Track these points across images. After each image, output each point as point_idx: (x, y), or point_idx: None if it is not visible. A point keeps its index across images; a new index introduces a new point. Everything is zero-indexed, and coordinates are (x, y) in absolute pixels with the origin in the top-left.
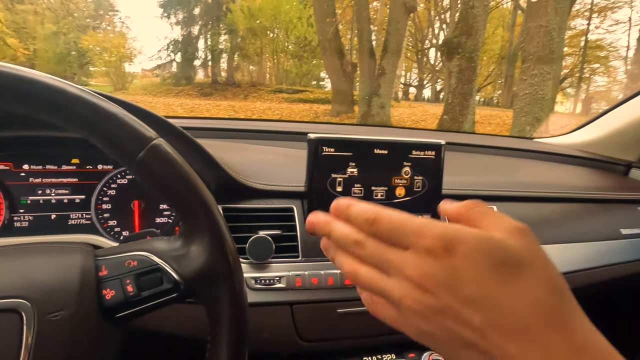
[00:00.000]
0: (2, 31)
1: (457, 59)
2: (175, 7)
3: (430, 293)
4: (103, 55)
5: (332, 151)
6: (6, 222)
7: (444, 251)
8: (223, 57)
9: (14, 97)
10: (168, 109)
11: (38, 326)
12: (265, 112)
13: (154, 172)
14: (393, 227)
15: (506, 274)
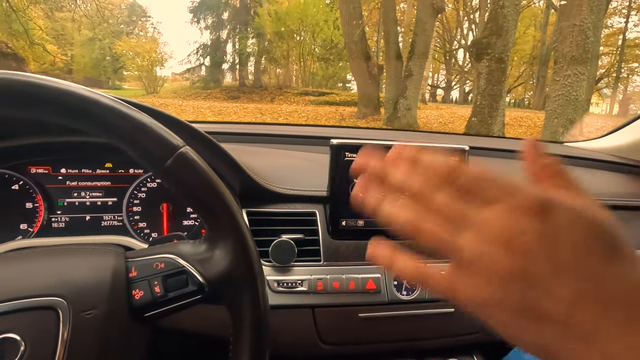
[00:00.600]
0: (43, 38)
1: (487, 60)
2: (204, 12)
3: (518, 254)
4: (136, 59)
5: (353, 157)
6: (45, 223)
7: (540, 213)
8: (250, 61)
9: (53, 109)
10: (197, 111)
11: (73, 323)
12: (292, 114)
13: (181, 179)
14: (479, 177)
15: (607, 250)
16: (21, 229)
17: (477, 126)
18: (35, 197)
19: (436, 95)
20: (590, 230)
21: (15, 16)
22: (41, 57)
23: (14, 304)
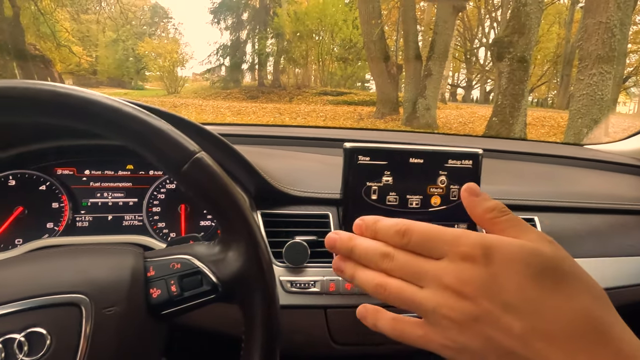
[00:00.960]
0: (69, 40)
1: (508, 59)
2: (224, 13)
3: (469, 300)
4: (158, 60)
5: (367, 160)
6: (69, 222)
7: (483, 258)
8: (269, 61)
9: (77, 116)
10: (216, 111)
11: (95, 319)
12: (310, 114)
13: (197, 183)
14: (427, 237)
15: (547, 282)
16: (47, 228)
17: (497, 126)
18: (61, 197)
19: (456, 95)
20: (529, 267)
21: (43, 19)
22: (67, 59)
23: (41, 300)
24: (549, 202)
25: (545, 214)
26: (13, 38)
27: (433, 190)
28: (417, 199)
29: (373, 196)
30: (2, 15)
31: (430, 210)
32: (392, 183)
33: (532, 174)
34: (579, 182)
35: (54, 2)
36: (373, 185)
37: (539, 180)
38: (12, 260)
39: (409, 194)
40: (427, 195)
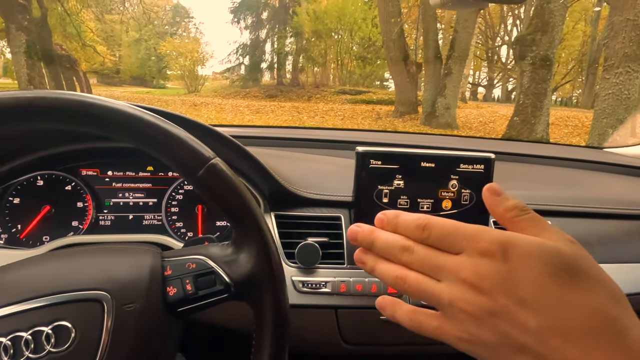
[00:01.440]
0: (94, 40)
1: (531, 58)
2: (244, 12)
3: (485, 294)
4: (179, 59)
5: (378, 164)
6: (93, 221)
7: (501, 254)
8: (288, 60)
9: (104, 125)
10: (236, 110)
11: (116, 314)
12: (328, 113)
13: (211, 188)
14: (446, 232)
15: (564, 280)
16: (73, 226)
17: (519, 126)
18: (85, 197)
19: (477, 94)
20: (546, 265)
21: (69, 19)
22: (92, 58)
23: (67, 295)
24: (561, 207)
25: (557, 219)
26: (41, 38)
27: (444, 194)
28: (428, 203)
29: (384, 199)
30: (31, 16)
31: (441, 214)
32: (404, 187)
33: (547, 178)
34: (597, 186)
35: (80, 3)
36: (384, 189)
37: (554, 185)
38: (40, 257)
39: (420, 198)
40: (438, 199)
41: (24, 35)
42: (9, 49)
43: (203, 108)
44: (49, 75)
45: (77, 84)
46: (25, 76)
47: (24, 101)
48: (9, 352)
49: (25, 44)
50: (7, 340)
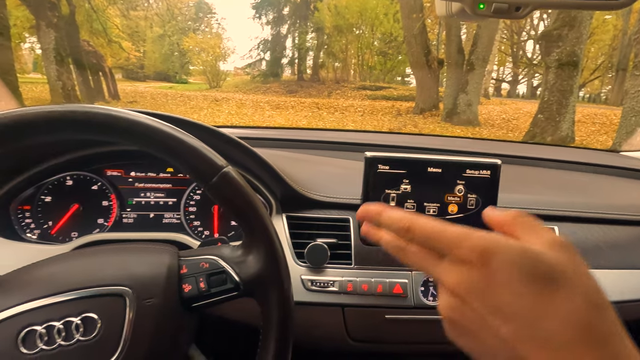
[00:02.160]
0: (119, 36)
1: (557, 54)
2: (266, 8)
3: (462, 300)
4: (201, 55)
5: (386, 169)
6: (117, 219)
7: (479, 261)
8: (309, 55)
9: (126, 136)
10: (256, 105)
11: (136, 308)
12: (348, 109)
13: (224, 194)
14: (429, 236)
15: (540, 287)
16: (98, 223)
17: (543, 124)
18: (110, 196)
19: (501, 90)
20: (524, 272)
21: (96, 16)
22: (117, 54)
23: (93, 290)
24: (571, 212)
25: (566, 224)
26: (69, 35)
27: (450, 198)
28: (435, 207)
29: (392, 203)
30: (60, 13)
31: (447, 218)
32: (410, 191)
33: (560, 183)
34: (611, 192)
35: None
36: (392, 193)
37: (567, 190)
38: (69, 255)
39: (427, 202)
40: (444, 204)
41: (53, 32)
42: (39, 45)
43: (224, 103)
44: (77, 71)
45: (103, 79)
46: (54, 72)
47: (57, 114)
48: (44, 339)
49: (54, 41)
50: (42, 328)
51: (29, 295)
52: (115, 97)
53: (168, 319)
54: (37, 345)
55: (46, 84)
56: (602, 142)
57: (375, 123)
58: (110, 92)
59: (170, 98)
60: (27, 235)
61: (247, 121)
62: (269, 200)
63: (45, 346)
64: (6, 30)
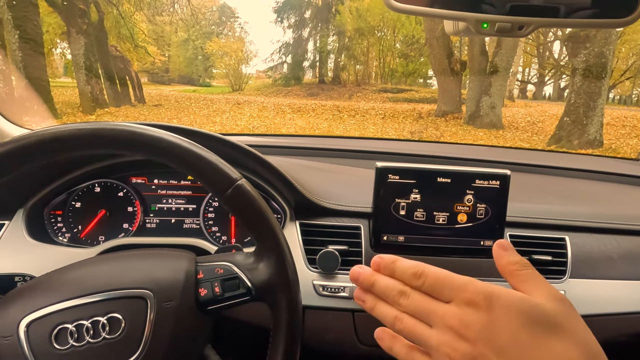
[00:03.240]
0: (145, 40)
1: (584, 55)
2: (288, 12)
3: (467, 341)
4: (224, 58)
5: (396, 178)
6: (141, 224)
7: (484, 304)
8: (330, 58)
9: (150, 151)
10: (277, 108)
11: (157, 309)
12: (369, 112)
13: (237, 205)
14: (439, 281)
15: (539, 333)
16: (124, 228)
17: (569, 127)
18: (135, 202)
19: (526, 91)
20: (524, 317)
21: (123, 22)
22: (143, 58)
23: (118, 292)
24: (582, 222)
25: (577, 234)
26: (98, 41)
27: (460, 207)
28: (444, 216)
29: (401, 212)
30: (90, 20)
31: (456, 227)
32: (420, 200)
33: (572, 192)
34: (628, 201)
35: (133, 6)
36: (402, 202)
37: (579, 199)
38: (97, 259)
39: (436, 211)
40: (453, 213)
41: (83, 39)
42: (70, 51)
43: (246, 106)
44: (105, 75)
45: (129, 83)
46: (83, 76)
47: (87, 132)
48: (74, 337)
49: (84, 47)
50: (73, 326)
51: (61, 296)
52: (141, 101)
53: (185, 321)
54: (68, 342)
55: (76, 88)
56: (632, 145)
57: (396, 126)
58: (136, 96)
59: (193, 101)
60: (58, 238)
61: (268, 124)
62: (283, 208)
63: (75, 343)
64: (39, 37)
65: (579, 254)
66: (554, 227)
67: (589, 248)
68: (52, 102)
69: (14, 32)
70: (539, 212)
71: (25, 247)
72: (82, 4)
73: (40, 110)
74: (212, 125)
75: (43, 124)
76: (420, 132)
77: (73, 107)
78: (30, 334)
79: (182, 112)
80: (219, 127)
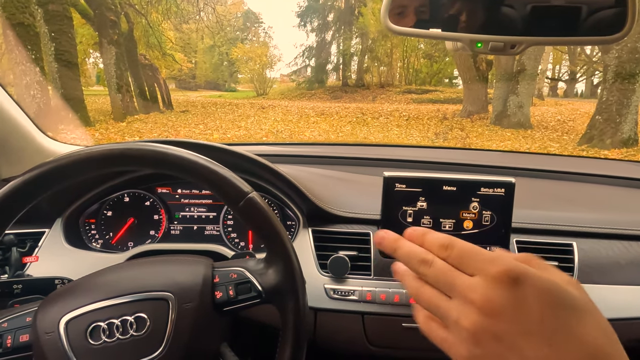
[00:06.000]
0: (173, 48)
1: (616, 51)
2: (311, 16)
3: (491, 317)
4: (249, 63)
5: (403, 187)
6: (166, 231)
7: (512, 282)
8: (353, 60)
9: (172, 168)
10: (301, 112)
11: (177, 310)
12: (393, 113)
13: (249, 216)
14: (466, 253)
15: (566, 318)
16: (150, 234)
17: (601, 125)
18: (160, 210)
19: (557, 89)
20: (554, 300)
21: (151, 31)
22: (170, 65)
23: (144, 294)
24: (589, 228)
25: (585, 240)
26: (128, 50)
27: (466, 215)
28: (450, 223)
29: (409, 219)
30: (120, 30)
31: (462, 233)
32: (427, 208)
33: (584, 198)
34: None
35: (161, 15)
36: (409, 209)
37: (591, 205)
38: (126, 265)
39: (443, 218)
40: (459, 220)
41: (114, 48)
42: (102, 60)
43: (270, 110)
44: (134, 83)
45: (157, 90)
46: (114, 85)
47: (117, 152)
48: (106, 333)
49: (115, 56)
50: (105, 324)
51: (95, 297)
52: (169, 107)
53: (203, 320)
54: (101, 338)
55: (108, 96)
56: None
57: (420, 127)
58: (165, 103)
59: (219, 106)
60: (92, 244)
61: (292, 128)
62: (296, 215)
63: (107, 339)
64: (74, 48)
65: (586, 259)
66: (561, 233)
67: (597, 254)
68: (85, 110)
69: (50, 45)
70: (547, 218)
71: (63, 253)
72: (113, 15)
73: (75, 118)
74: (237, 130)
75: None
76: (445, 134)
77: (105, 114)
78: (69, 331)
79: (209, 118)
80: (244, 132)
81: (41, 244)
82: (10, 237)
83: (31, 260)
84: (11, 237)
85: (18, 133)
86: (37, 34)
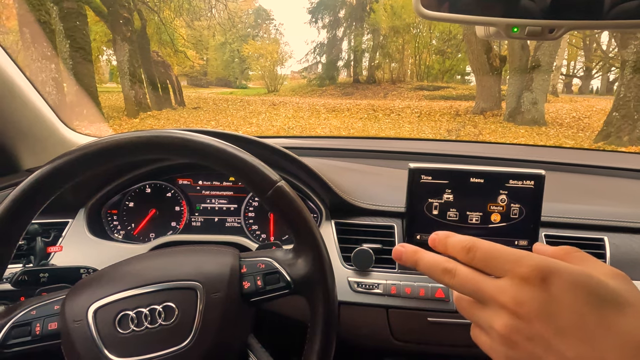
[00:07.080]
0: (185, 45)
1: (635, 45)
2: (322, 12)
3: (523, 320)
4: (260, 60)
5: (429, 179)
6: (187, 222)
7: (541, 281)
8: (365, 57)
9: (199, 156)
10: (312, 108)
11: (205, 300)
12: (404, 110)
13: (277, 205)
14: (490, 255)
15: (605, 312)
16: (172, 226)
17: (619, 122)
18: (182, 202)
19: (572, 85)
20: (590, 295)
21: (164, 28)
22: (183, 62)
23: (172, 284)
24: (622, 222)
25: (617, 235)
26: (140, 47)
27: (493, 207)
28: (477, 216)
29: (434, 212)
30: (133, 27)
31: (490, 227)
32: (453, 200)
33: (616, 192)
34: None
35: (173, 13)
36: (434, 202)
37: (623, 199)
38: (152, 254)
39: (469, 211)
40: (487, 212)
41: (127, 46)
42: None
43: (281, 107)
44: (147, 80)
45: (170, 87)
46: (127, 82)
47: (144, 139)
48: (134, 322)
49: (128, 53)
50: (133, 313)
51: (123, 286)
52: (181, 104)
53: (231, 310)
54: (130, 327)
55: (121, 93)
56: None
57: (432, 124)
58: (177, 99)
59: (230, 103)
60: (114, 235)
61: (303, 124)
62: (319, 208)
63: (135, 328)
64: (88, 45)
65: (618, 254)
66: (592, 227)
67: (629, 249)
68: (99, 106)
69: (65, 42)
70: (576, 211)
71: (86, 243)
72: (126, 13)
73: (89, 114)
74: (249, 127)
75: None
76: (458, 130)
77: (118, 111)
78: (98, 319)
79: (220, 114)
80: (255, 129)
81: (65, 234)
82: (35, 226)
83: (55, 250)
84: (36, 227)
85: (42, 123)
86: (53, 31)
